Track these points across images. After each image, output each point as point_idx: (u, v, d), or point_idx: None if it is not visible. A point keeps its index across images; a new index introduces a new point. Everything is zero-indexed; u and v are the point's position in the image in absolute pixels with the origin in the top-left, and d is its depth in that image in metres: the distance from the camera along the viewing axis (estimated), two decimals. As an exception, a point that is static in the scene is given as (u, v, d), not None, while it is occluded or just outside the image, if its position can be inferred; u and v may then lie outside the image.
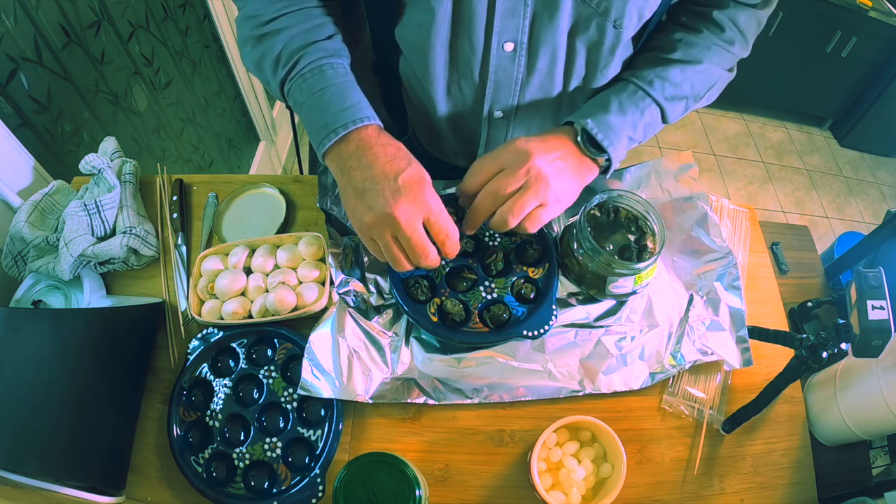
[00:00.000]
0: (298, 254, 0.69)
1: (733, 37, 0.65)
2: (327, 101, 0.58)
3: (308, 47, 0.59)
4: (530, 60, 0.62)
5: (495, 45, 0.60)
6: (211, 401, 0.62)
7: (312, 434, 0.61)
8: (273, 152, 2.03)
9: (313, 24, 0.60)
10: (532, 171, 0.57)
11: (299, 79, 0.59)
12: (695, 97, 0.66)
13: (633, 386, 0.64)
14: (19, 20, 0.82)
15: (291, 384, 0.63)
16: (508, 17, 0.58)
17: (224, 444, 0.60)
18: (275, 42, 0.59)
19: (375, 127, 0.57)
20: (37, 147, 0.88)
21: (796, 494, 0.63)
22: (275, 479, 0.59)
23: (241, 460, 0.59)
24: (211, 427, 0.61)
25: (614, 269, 0.64)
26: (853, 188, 2.60)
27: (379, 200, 0.53)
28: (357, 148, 0.56)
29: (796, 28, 2.32)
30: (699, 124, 2.71)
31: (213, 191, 0.79)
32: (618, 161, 0.63)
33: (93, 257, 0.69)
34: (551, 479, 0.58)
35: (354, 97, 0.58)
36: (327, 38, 0.61)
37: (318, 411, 0.62)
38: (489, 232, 0.70)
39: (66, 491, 0.53)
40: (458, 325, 0.64)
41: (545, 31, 0.59)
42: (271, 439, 0.60)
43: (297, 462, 0.60)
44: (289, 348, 0.65)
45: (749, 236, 0.80)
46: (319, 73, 0.58)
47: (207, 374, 0.63)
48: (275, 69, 0.60)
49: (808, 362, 0.55)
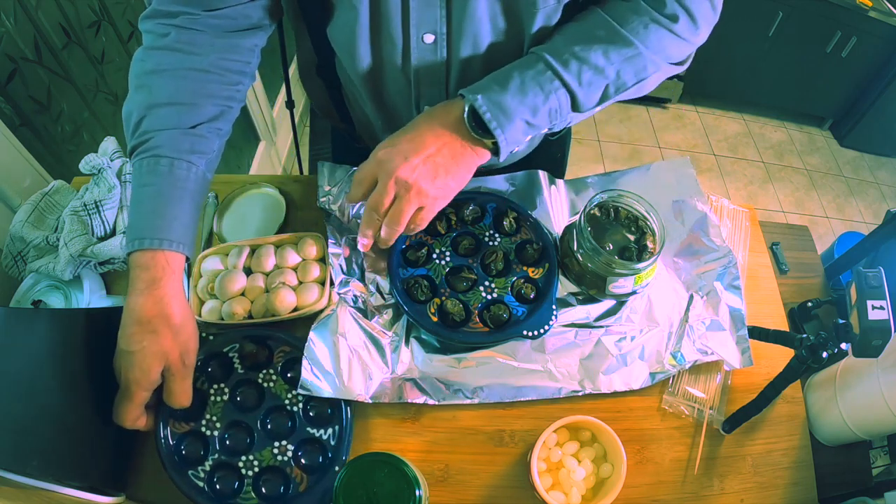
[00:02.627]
0: (298, 254, 0.69)
1: (676, 13, 0.56)
2: (145, 201, 0.55)
3: (162, 132, 0.55)
4: (452, 51, 0.61)
5: (415, 37, 0.59)
6: (205, 409, 0.60)
7: (324, 433, 0.60)
8: (273, 152, 2.03)
9: (185, 103, 0.56)
10: (400, 182, 0.56)
11: (137, 161, 0.56)
12: (618, 87, 0.58)
13: (634, 386, 0.64)
14: (19, 20, 0.82)
15: (294, 386, 0.61)
16: (425, 8, 0.57)
17: (226, 453, 0.58)
18: (140, 104, 0.56)
19: (175, 258, 0.54)
20: (37, 147, 0.88)
21: (796, 494, 0.63)
22: (290, 483, 0.57)
23: (249, 468, 0.58)
24: (208, 437, 0.59)
25: (614, 269, 0.64)
26: (853, 188, 2.60)
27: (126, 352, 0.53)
28: (152, 278, 0.53)
29: (796, 28, 2.32)
30: (699, 124, 2.71)
31: (213, 191, 0.79)
32: (511, 146, 0.57)
33: (93, 257, 0.69)
34: (551, 479, 0.58)
35: (172, 211, 0.55)
36: (190, 128, 0.57)
37: (324, 410, 0.61)
38: (489, 231, 0.70)
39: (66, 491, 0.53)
40: (459, 325, 0.64)
41: (463, 19, 0.57)
42: (280, 443, 0.59)
43: (312, 462, 0.59)
44: (286, 351, 0.63)
45: (749, 236, 0.80)
46: (154, 166, 0.55)
47: (197, 383, 0.61)
48: (131, 134, 0.57)
49: (808, 362, 0.55)
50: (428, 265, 0.67)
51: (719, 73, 2.55)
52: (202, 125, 0.57)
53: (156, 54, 0.57)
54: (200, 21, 0.56)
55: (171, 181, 0.55)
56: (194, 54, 0.57)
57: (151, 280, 0.53)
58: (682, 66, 0.61)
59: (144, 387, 0.53)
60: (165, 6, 0.56)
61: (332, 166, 0.76)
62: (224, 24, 0.58)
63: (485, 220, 0.71)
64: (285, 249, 0.69)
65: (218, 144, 0.60)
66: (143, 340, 0.52)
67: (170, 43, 0.56)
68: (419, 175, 0.56)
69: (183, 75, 0.56)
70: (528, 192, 0.76)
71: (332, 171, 0.76)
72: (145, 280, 0.53)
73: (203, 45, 0.57)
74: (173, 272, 0.54)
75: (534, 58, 0.57)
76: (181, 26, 0.56)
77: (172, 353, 0.53)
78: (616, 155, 2.47)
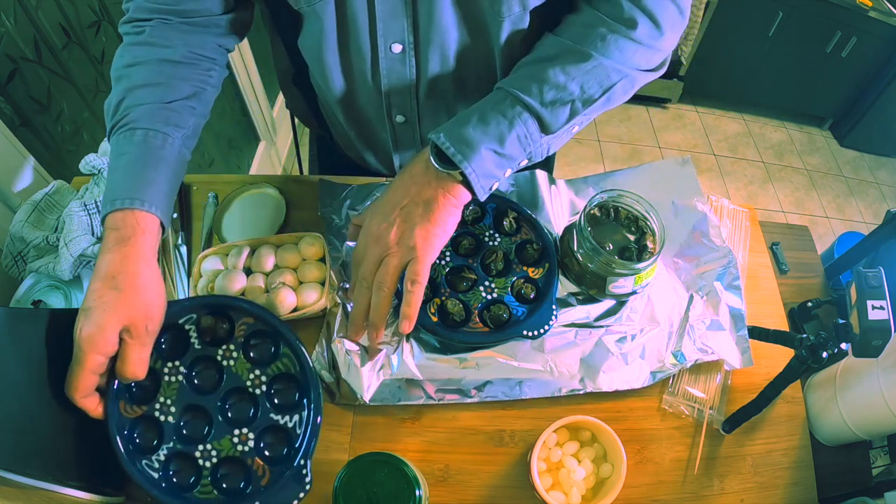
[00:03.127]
0: (298, 254, 0.69)
1: (635, 17, 0.53)
2: (120, 168, 0.55)
3: (139, 107, 0.56)
4: (420, 60, 0.61)
5: (382, 47, 0.59)
6: (158, 391, 0.54)
7: (289, 420, 0.55)
8: (273, 152, 2.03)
9: (161, 83, 0.57)
10: (381, 241, 0.56)
11: (115, 136, 0.56)
12: (585, 101, 0.55)
13: (634, 385, 0.64)
14: (19, 20, 0.82)
15: (257, 365, 0.57)
16: (391, 18, 0.57)
17: (182, 442, 0.53)
18: (119, 90, 0.57)
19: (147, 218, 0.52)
20: (37, 147, 0.88)
21: (796, 494, 0.63)
22: (250, 477, 0.53)
23: (207, 458, 0.53)
24: (162, 422, 0.54)
25: (614, 269, 0.64)
26: (853, 188, 2.60)
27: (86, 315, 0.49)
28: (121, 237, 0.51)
29: (796, 28, 2.32)
30: (699, 124, 2.71)
31: (213, 191, 0.79)
32: (485, 180, 0.55)
33: (93, 257, 0.69)
34: (551, 479, 0.58)
35: (145, 175, 0.54)
36: (165, 103, 0.57)
37: (292, 395, 0.56)
38: (489, 231, 0.70)
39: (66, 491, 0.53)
40: (459, 325, 0.64)
41: (430, 28, 0.57)
42: (240, 430, 0.54)
43: (275, 454, 0.54)
44: (249, 323, 0.58)
45: (749, 236, 0.80)
46: (130, 137, 0.55)
47: (192, 330, 0.57)
48: (111, 116, 0.57)
49: (808, 362, 0.55)
50: (428, 265, 0.67)
51: (719, 73, 2.55)
52: (177, 101, 0.58)
53: (132, 49, 0.59)
54: (173, 25, 0.59)
55: (146, 149, 0.55)
56: (167, 47, 0.59)
57: (120, 238, 0.51)
58: (657, 72, 0.59)
59: (99, 348, 0.48)
60: (141, 14, 0.59)
61: (331, 184, 0.78)
62: (194, 30, 0.60)
63: (485, 220, 0.71)
64: (285, 249, 0.69)
65: (194, 122, 0.60)
66: (105, 296, 0.48)
67: (144, 38, 0.59)
68: (396, 229, 0.55)
69: (158, 63, 0.58)
70: (528, 192, 0.76)
71: (333, 187, 0.77)
72: (114, 239, 0.51)
73: (174, 39, 0.59)
74: (143, 232, 0.51)
75: (495, 91, 0.57)
76: (155, 25, 0.59)
77: (134, 314, 0.49)
78: (616, 155, 2.47)
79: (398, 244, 0.55)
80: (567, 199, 0.78)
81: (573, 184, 0.79)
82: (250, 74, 1.74)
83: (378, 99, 0.66)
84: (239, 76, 1.67)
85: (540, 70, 0.55)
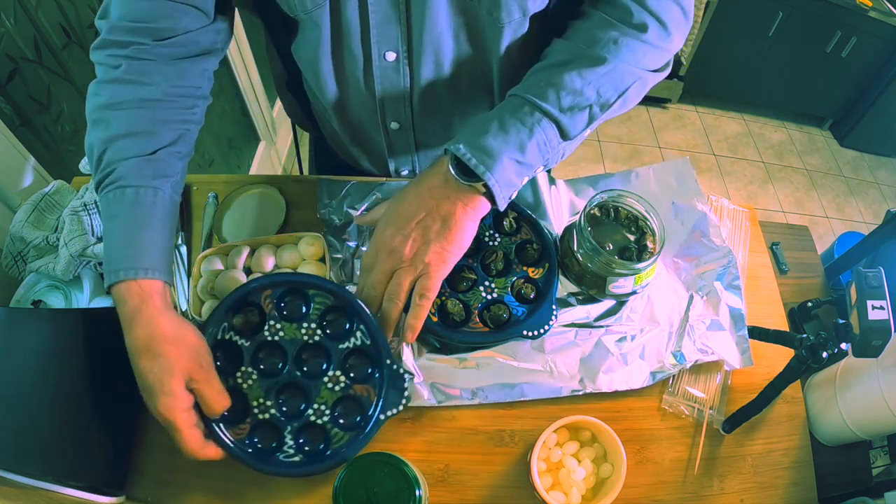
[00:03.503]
0: (298, 254, 0.69)
1: (645, 21, 0.54)
2: (115, 232, 0.54)
3: (124, 161, 0.54)
4: (414, 68, 0.61)
5: (376, 55, 0.59)
6: (247, 400, 0.57)
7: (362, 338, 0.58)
8: (273, 152, 2.03)
9: (143, 131, 0.55)
10: (395, 254, 0.55)
11: (104, 195, 0.55)
12: (602, 105, 0.55)
13: (634, 385, 0.64)
14: (19, 20, 0.82)
15: (302, 320, 0.59)
16: (385, 26, 0.56)
17: (294, 419, 0.57)
18: (100, 138, 0.55)
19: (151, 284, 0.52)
20: (37, 147, 0.88)
21: (796, 494, 0.63)
22: (363, 405, 0.57)
23: (319, 416, 0.57)
24: (270, 418, 0.56)
25: (614, 269, 0.64)
26: (853, 188, 2.60)
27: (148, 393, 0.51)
28: (133, 308, 0.52)
29: (796, 28, 2.32)
30: (699, 124, 2.71)
31: (213, 191, 0.79)
32: (507, 189, 0.54)
33: (93, 257, 0.69)
34: (551, 479, 0.58)
35: (142, 239, 0.53)
36: (150, 154, 0.55)
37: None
38: (489, 231, 0.70)
39: (66, 491, 0.53)
40: (459, 325, 0.64)
41: (424, 36, 0.57)
42: (331, 372, 0.58)
43: (360, 374, 0.58)
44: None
45: (749, 236, 0.80)
46: (120, 197, 0.54)
47: (233, 336, 0.59)
48: (95, 169, 0.56)
49: (808, 362, 0.55)
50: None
51: (719, 73, 2.55)
52: (161, 150, 0.56)
53: (109, 87, 0.56)
54: (150, 50, 0.55)
55: (138, 209, 0.54)
56: (146, 84, 0.56)
57: (134, 311, 0.51)
58: (663, 72, 0.59)
59: (182, 407, 0.50)
60: (116, 36, 0.55)
61: (331, 182, 0.78)
62: (174, 52, 0.57)
63: (485, 220, 0.71)
64: (285, 249, 0.69)
65: (181, 166, 0.59)
66: (154, 368, 0.50)
67: (121, 75, 0.55)
68: (412, 243, 0.55)
69: (138, 106, 0.56)
70: (528, 192, 0.76)
71: (332, 185, 0.77)
72: (128, 314, 0.52)
73: (154, 75, 0.56)
74: (151, 296, 0.52)
75: (509, 98, 0.56)
76: (132, 57, 0.55)
77: (185, 363, 0.51)
78: (616, 155, 2.47)
79: (413, 260, 0.55)
80: (567, 199, 0.78)
81: (573, 184, 0.79)
82: (250, 74, 1.74)
83: (372, 106, 0.66)
84: (239, 76, 1.68)
85: (555, 75, 0.54)
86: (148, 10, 0.54)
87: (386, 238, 0.57)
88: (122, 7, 0.54)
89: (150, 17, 0.54)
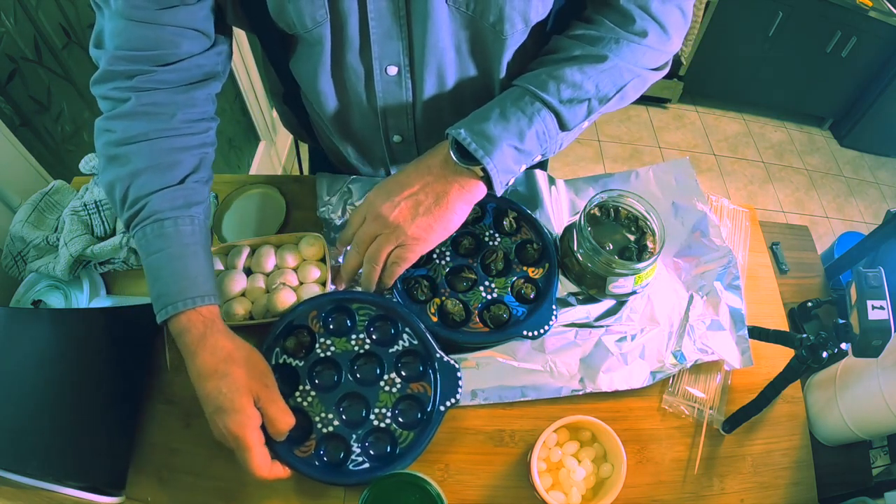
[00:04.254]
0: (299, 254, 0.69)
1: (646, 28, 0.56)
2: (163, 266, 0.54)
3: (153, 194, 0.54)
4: (416, 82, 0.61)
5: (377, 70, 0.59)
6: (311, 417, 0.58)
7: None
8: (273, 152, 2.03)
9: (166, 163, 0.55)
10: (380, 219, 0.57)
11: (140, 231, 0.54)
12: (600, 99, 0.57)
13: (634, 385, 0.64)
14: (19, 20, 0.82)
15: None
16: (385, 41, 0.56)
17: (357, 428, 0.58)
18: (121, 175, 0.54)
19: (210, 310, 0.54)
20: (37, 147, 0.88)
21: (796, 494, 0.63)
22: (423, 402, 0.59)
23: (381, 420, 0.58)
24: (334, 430, 0.58)
25: (614, 269, 0.64)
26: (853, 188, 2.60)
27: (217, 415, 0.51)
28: (199, 336, 0.52)
29: (796, 28, 2.32)
30: (699, 124, 2.71)
31: (214, 191, 0.79)
32: (504, 175, 0.56)
33: (93, 257, 0.69)
34: (551, 479, 0.58)
35: (192, 268, 0.54)
36: (178, 184, 0.56)
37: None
38: (489, 231, 0.70)
39: (66, 491, 0.53)
40: (459, 325, 0.64)
41: (426, 50, 0.57)
42: (386, 376, 0.60)
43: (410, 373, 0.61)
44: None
45: (749, 236, 0.80)
46: (160, 230, 0.54)
47: (287, 359, 0.61)
48: (121, 208, 0.55)
49: (808, 362, 0.55)
50: (428, 265, 0.67)
51: (719, 73, 2.55)
52: (187, 178, 0.57)
53: (121, 123, 0.55)
54: (156, 77, 0.54)
55: (181, 241, 0.54)
56: (160, 115, 0.55)
57: (199, 337, 0.52)
58: (662, 71, 0.60)
59: (251, 426, 0.50)
60: (118, 66, 0.54)
61: (331, 177, 0.77)
62: (179, 78, 0.56)
63: (485, 220, 0.71)
64: (285, 250, 0.69)
65: (207, 191, 0.59)
66: (222, 388, 0.50)
67: (132, 108, 0.54)
68: (399, 213, 0.56)
69: (156, 138, 0.55)
70: (527, 192, 0.76)
71: (332, 181, 0.77)
72: (192, 342, 0.52)
73: (165, 105, 0.55)
74: (213, 322, 0.53)
75: (511, 88, 0.58)
76: (139, 88, 0.54)
77: (252, 384, 0.52)
78: (616, 155, 2.47)
79: (395, 228, 0.56)
80: (567, 199, 0.78)
81: (573, 184, 0.79)
82: (250, 74, 1.74)
83: (374, 120, 0.66)
84: (239, 76, 1.68)
85: (556, 69, 0.55)
86: (147, 37, 0.53)
87: (376, 203, 0.57)
88: (118, 36, 0.53)
89: (149, 44, 0.53)
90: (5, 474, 0.51)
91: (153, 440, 0.61)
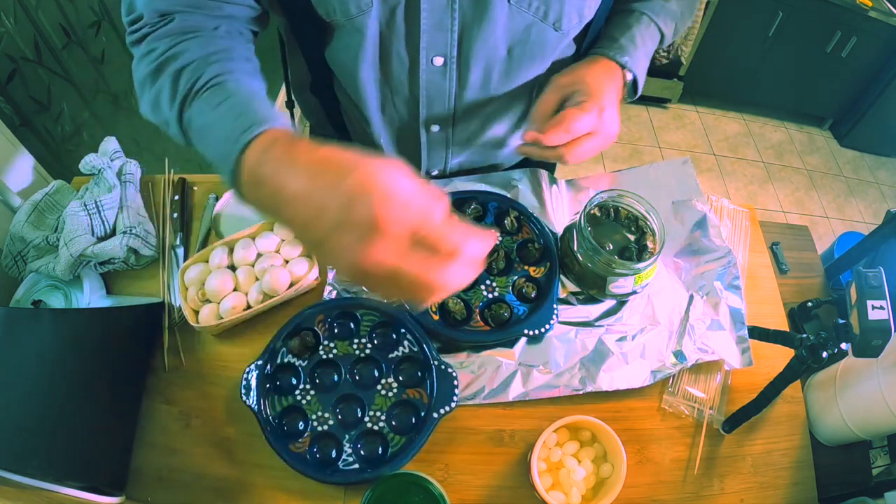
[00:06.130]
0: (277, 238, 0.70)
1: None
2: (228, 110, 0.46)
3: (207, 67, 0.50)
4: (461, 74, 0.61)
5: (424, 60, 0.59)
6: (307, 415, 0.59)
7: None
8: (273, 152, 2.03)
9: (219, 50, 0.52)
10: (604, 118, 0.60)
11: (197, 100, 0.49)
12: (682, 20, 0.70)
13: (635, 384, 0.64)
14: (19, 20, 0.82)
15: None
16: (436, 31, 0.57)
17: (350, 428, 0.59)
18: (171, 67, 0.50)
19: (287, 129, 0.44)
20: (37, 147, 0.88)
21: (796, 494, 0.63)
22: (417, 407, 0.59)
23: (375, 423, 0.59)
24: (328, 429, 0.58)
25: (614, 269, 0.64)
26: (853, 188, 2.60)
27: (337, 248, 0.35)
28: (288, 142, 0.40)
29: (796, 28, 2.32)
30: (699, 124, 2.71)
31: (214, 191, 0.79)
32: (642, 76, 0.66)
33: (93, 257, 0.69)
34: (551, 479, 0.58)
35: (262, 101, 0.46)
36: (229, 54, 0.52)
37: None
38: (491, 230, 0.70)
39: (66, 491, 0.53)
40: (460, 324, 0.64)
41: (476, 44, 0.58)
42: (383, 380, 0.61)
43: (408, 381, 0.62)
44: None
45: (749, 236, 0.80)
46: (221, 88, 0.48)
47: (291, 358, 0.62)
48: (172, 96, 0.50)
49: (808, 362, 0.55)
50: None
51: (719, 73, 2.55)
52: (236, 50, 0.53)
53: (161, 42, 0.52)
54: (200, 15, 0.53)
55: (245, 85, 0.49)
56: (203, 28, 0.53)
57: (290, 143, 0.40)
58: None
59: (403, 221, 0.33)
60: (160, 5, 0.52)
61: None
62: (224, 16, 0.54)
63: (486, 219, 0.71)
64: (263, 237, 0.70)
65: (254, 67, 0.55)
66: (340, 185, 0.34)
67: (174, 28, 0.52)
68: (610, 112, 0.61)
69: (206, 38, 0.52)
70: (529, 191, 0.76)
71: None
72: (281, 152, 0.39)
73: (208, 22, 0.53)
74: (299, 134, 0.43)
75: (638, 15, 0.66)
76: (184, 13, 0.52)
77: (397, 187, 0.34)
78: (616, 155, 2.47)
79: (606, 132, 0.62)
80: (567, 199, 0.78)
81: (573, 184, 0.79)
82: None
83: (414, 110, 0.66)
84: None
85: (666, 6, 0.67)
86: None
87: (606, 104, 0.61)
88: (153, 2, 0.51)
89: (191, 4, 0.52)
90: (5, 474, 0.51)
91: (153, 440, 0.61)
